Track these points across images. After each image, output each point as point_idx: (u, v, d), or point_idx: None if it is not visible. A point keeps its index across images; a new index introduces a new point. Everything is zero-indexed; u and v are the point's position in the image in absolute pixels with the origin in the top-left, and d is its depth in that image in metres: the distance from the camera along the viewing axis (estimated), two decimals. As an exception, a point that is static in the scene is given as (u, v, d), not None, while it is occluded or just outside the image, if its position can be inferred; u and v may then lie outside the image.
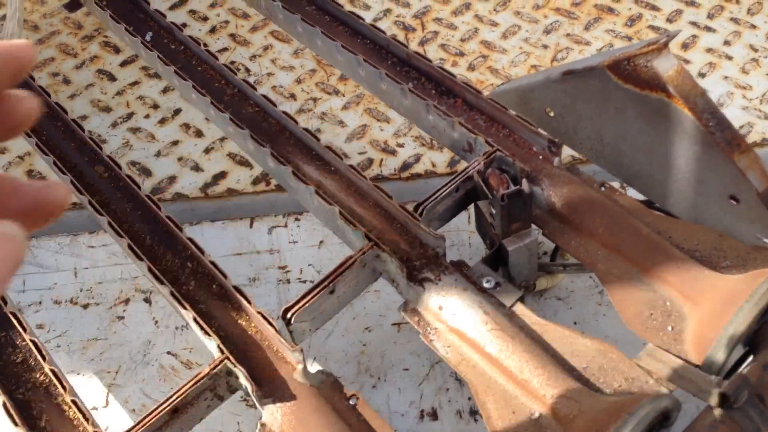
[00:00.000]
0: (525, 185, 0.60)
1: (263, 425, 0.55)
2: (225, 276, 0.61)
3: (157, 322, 0.71)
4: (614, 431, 0.47)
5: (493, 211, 0.63)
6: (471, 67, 0.92)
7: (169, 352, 0.69)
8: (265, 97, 0.74)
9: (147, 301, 0.72)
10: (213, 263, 0.62)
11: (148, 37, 0.84)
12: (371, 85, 0.77)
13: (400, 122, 0.86)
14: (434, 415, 0.63)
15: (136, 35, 0.83)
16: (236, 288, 0.60)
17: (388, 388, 0.65)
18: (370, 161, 0.83)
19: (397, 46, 0.76)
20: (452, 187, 0.64)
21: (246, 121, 0.74)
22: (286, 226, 0.77)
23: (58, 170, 0.70)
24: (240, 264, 0.74)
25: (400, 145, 0.84)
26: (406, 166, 0.82)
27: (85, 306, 0.72)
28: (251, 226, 0.77)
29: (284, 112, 0.72)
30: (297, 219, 0.77)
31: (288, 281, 0.73)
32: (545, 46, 0.94)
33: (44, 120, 0.76)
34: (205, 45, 0.78)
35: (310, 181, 0.68)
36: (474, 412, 0.63)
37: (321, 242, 0.76)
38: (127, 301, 0.72)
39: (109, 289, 0.73)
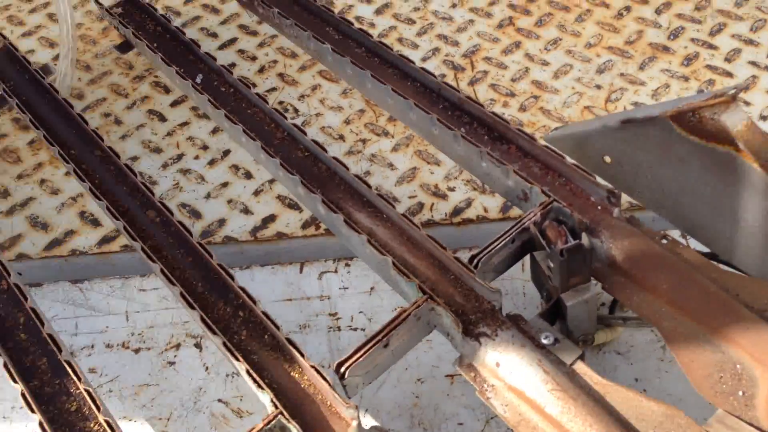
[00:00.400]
0: (585, 239, 0.59)
1: (316, 484, 0.53)
2: (278, 327, 0.60)
3: (207, 368, 0.70)
4: (687, 508, 0.45)
5: (551, 264, 0.61)
6: (522, 108, 0.91)
7: (220, 400, 0.68)
8: (315, 142, 0.74)
9: (198, 346, 0.72)
10: (265, 314, 0.61)
11: (198, 80, 0.85)
12: (422, 129, 0.76)
13: (450, 165, 0.85)
14: (489, 474, 0.61)
15: (186, 78, 0.83)
16: (289, 340, 0.59)
17: (442, 443, 0.63)
18: (421, 205, 0.82)
19: (449, 90, 0.75)
20: (508, 238, 0.63)
21: (296, 166, 0.73)
22: (336, 271, 0.76)
23: (111, 215, 0.71)
24: (290, 310, 0.74)
25: (451, 189, 0.82)
26: (457, 211, 0.80)
27: (137, 350, 0.72)
28: (301, 271, 0.77)
29: (335, 158, 0.72)
30: (347, 264, 0.76)
31: (339, 329, 0.72)
32: (598, 86, 0.92)
33: (98, 163, 0.77)
34: (254, 86, 0.79)
35: (362, 228, 0.67)
36: (531, 472, 0.61)
37: (372, 288, 0.75)
38: (177, 346, 0.72)
39: (160, 334, 0.73)
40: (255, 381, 0.57)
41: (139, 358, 0.72)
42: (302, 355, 0.58)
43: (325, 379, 0.56)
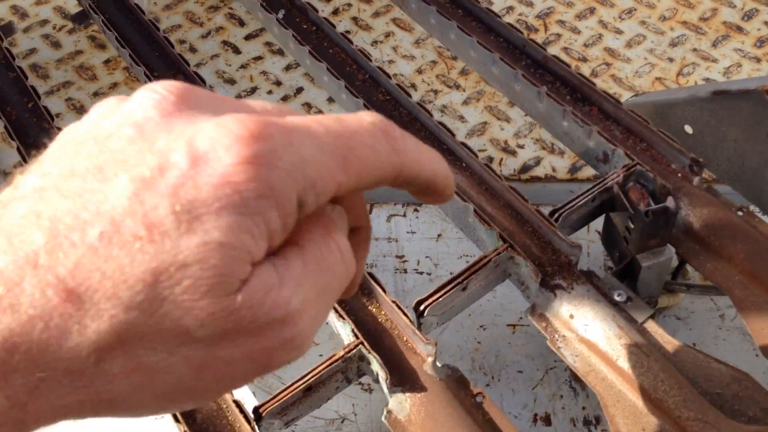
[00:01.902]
0: (671, 202, 0.60)
1: (390, 412, 0.56)
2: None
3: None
4: (761, 463, 0.47)
5: (631, 225, 0.63)
6: (594, 74, 0.91)
7: (287, 328, 0.70)
8: (399, 86, 0.74)
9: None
10: (347, 247, 0.63)
11: (280, 15, 0.85)
12: (504, 84, 0.77)
13: (520, 123, 0.85)
14: (547, 421, 0.64)
15: (270, 11, 0.84)
16: (370, 274, 0.61)
17: (502, 388, 0.65)
18: (490, 159, 0.83)
19: (535, 47, 0.76)
20: (589, 196, 0.64)
21: (377, 109, 0.74)
22: (404, 215, 0.78)
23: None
24: (358, 248, 0.75)
25: (521, 146, 0.83)
26: (525, 168, 0.82)
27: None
28: (370, 211, 0.78)
29: (419, 103, 0.73)
30: (416, 210, 0.78)
31: (405, 271, 0.74)
32: (671, 59, 0.92)
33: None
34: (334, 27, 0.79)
35: (441, 175, 0.68)
36: (588, 423, 0.63)
37: (439, 235, 0.76)
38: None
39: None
40: (336, 311, 0.59)
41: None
42: (384, 290, 0.60)
43: (405, 314, 0.58)
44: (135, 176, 0.25)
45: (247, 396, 0.65)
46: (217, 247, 0.25)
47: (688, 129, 0.70)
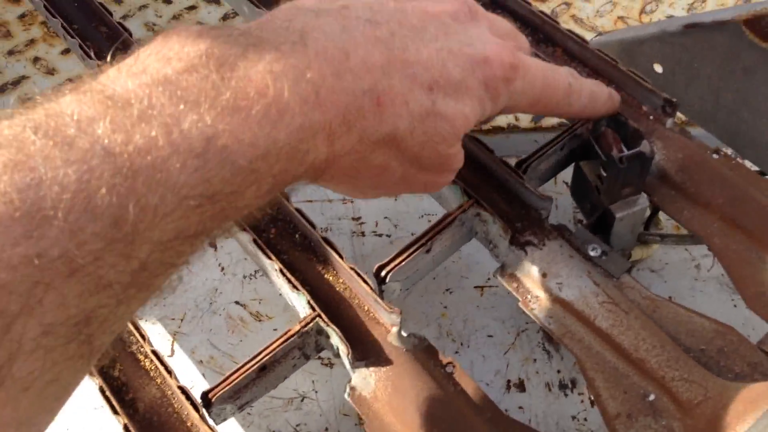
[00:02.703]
0: (645, 147, 0.56)
1: (353, 389, 0.51)
2: (313, 225, 0.56)
3: (223, 269, 0.66)
4: (756, 422, 0.44)
5: (603, 174, 0.58)
6: (554, 15, 0.86)
7: (237, 302, 0.65)
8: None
9: (212, 245, 0.68)
10: (299, 210, 0.57)
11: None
12: (459, 27, 0.71)
13: (479, 69, 0.80)
14: (521, 387, 0.60)
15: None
16: (325, 239, 0.56)
17: (472, 354, 0.61)
18: (449, 110, 0.77)
19: (490, -15, 0.70)
20: (558, 144, 0.59)
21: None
22: (359, 174, 0.72)
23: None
24: (311, 212, 0.69)
25: (480, 95, 0.78)
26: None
27: (146, 247, 0.68)
28: (322, 171, 0.73)
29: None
30: (372, 167, 0.72)
31: (363, 234, 0.68)
32: (632, -3, 0.87)
33: (103, 41, 0.70)
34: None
35: (397, 128, 0.62)
36: (564, 386, 0.59)
37: (397, 194, 0.71)
38: (190, 245, 0.68)
39: (170, 230, 0.69)
40: (289, 281, 0.54)
41: (149, 254, 0.67)
42: (340, 256, 0.54)
43: (365, 281, 0.53)
44: (445, 47, 0.38)
45: (196, 379, 0.60)
46: (463, 117, 0.38)
47: (658, 68, 0.65)
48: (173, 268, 0.29)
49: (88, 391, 0.58)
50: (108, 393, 0.49)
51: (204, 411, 0.48)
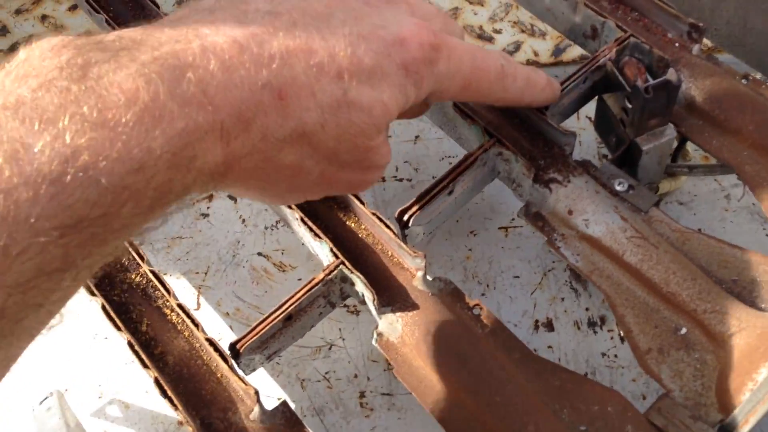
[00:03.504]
0: (672, 75, 0.53)
1: (380, 335, 0.51)
2: (332, 173, 0.55)
3: (244, 220, 0.66)
4: (792, 353, 0.43)
5: (628, 106, 0.56)
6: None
7: (259, 253, 0.64)
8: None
9: (232, 198, 0.67)
10: (316, 159, 0.56)
11: None
12: (473, -40, 0.69)
13: (495, 5, 0.77)
14: (550, 326, 0.59)
15: None
16: (345, 187, 0.55)
17: (499, 296, 0.60)
18: (466, 48, 0.75)
19: None
20: (580, 77, 0.57)
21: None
22: (376, 119, 0.71)
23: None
24: (329, 160, 0.69)
25: (497, 31, 0.76)
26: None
27: (166, 202, 0.68)
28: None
29: (381, -10, 0.64)
30: (389, 111, 0.71)
31: (383, 179, 0.67)
32: None
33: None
34: None
35: (413, 69, 0.61)
36: (593, 324, 0.59)
37: (416, 137, 0.70)
38: (210, 197, 0.67)
39: (189, 185, 0.68)
40: (311, 229, 0.53)
41: (170, 210, 0.67)
42: (362, 202, 0.54)
43: (388, 227, 0.52)
44: (354, 32, 0.34)
45: (223, 331, 0.60)
46: (381, 105, 0.35)
47: (683, -8, 0.62)
48: (44, 309, 0.26)
49: (118, 346, 0.59)
50: (137, 347, 0.49)
51: (233, 362, 0.48)
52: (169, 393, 0.47)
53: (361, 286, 0.51)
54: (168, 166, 0.28)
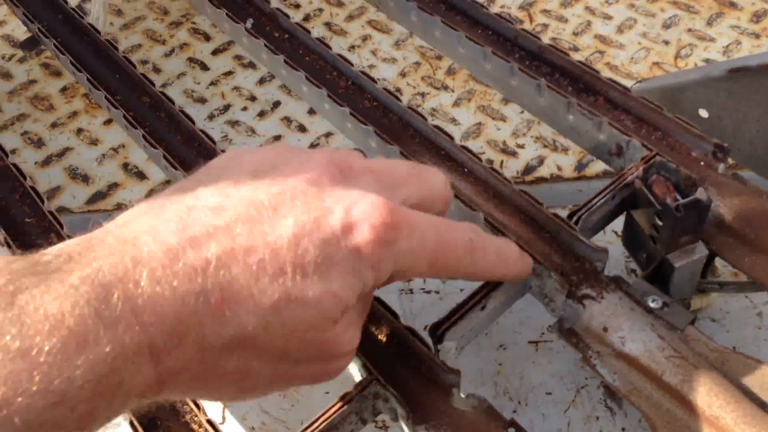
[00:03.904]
0: (702, 194, 0.54)
1: (415, 455, 0.49)
2: (364, 287, 0.55)
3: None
4: None
5: (658, 223, 0.57)
6: (588, 63, 0.86)
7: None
8: (386, 90, 0.68)
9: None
10: (349, 272, 0.56)
11: (249, 24, 0.79)
12: (498, 80, 0.71)
13: (517, 121, 0.80)
14: (585, 446, 0.57)
15: (238, 21, 0.77)
16: (378, 299, 0.55)
17: (531, 413, 0.59)
18: (490, 163, 0.77)
19: (528, 37, 0.70)
20: (609, 194, 0.58)
21: (365, 117, 0.68)
22: (403, 230, 0.71)
23: (168, 164, 0.65)
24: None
25: (521, 146, 0.78)
26: (529, 169, 0.76)
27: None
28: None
29: (410, 107, 0.66)
30: (416, 223, 0.71)
31: (411, 291, 0.67)
32: (666, 42, 0.87)
33: (147, 110, 0.71)
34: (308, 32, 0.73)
35: (443, 183, 0.62)
36: (630, 444, 0.57)
37: (443, 249, 0.70)
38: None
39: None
40: (343, 344, 0.52)
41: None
42: (395, 315, 0.53)
43: (422, 342, 0.52)
44: (299, 222, 0.33)
45: (248, 448, 0.58)
46: (332, 297, 0.33)
47: (703, 113, 0.64)
48: None
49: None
50: (165, 467, 0.48)
51: (263, 484, 0.47)
52: None
53: (394, 402, 0.50)
54: (92, 395, 0.26)
